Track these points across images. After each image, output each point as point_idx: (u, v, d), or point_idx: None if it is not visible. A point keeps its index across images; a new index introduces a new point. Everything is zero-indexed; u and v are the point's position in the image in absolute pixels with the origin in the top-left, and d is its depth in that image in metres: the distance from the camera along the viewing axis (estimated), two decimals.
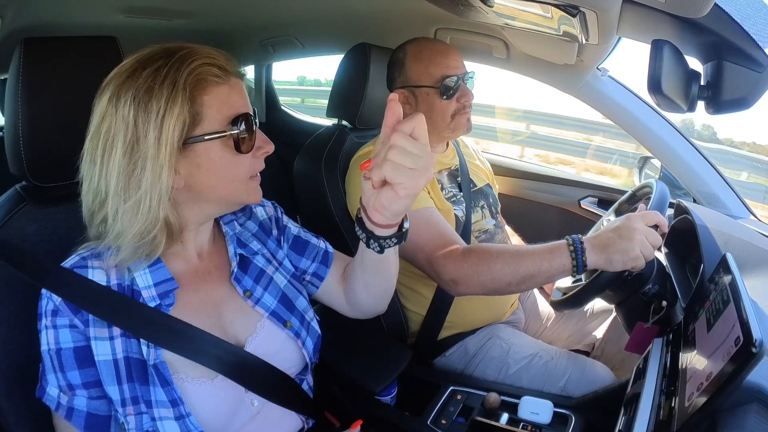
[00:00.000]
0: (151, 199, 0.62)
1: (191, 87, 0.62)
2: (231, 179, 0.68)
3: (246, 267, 0.79)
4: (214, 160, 0.65)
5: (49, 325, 0.64)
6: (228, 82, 0.65)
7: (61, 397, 0.64)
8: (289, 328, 0.79)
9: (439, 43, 1.25)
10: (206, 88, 0.63)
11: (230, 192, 0.69)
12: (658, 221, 0.91)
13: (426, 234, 1.05)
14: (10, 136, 0.73)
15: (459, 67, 1.20)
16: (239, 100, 0.67)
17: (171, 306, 0.69)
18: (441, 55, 1.20)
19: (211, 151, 0.65)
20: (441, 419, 1.01)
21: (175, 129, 0.61)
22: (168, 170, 0.61)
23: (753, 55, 0.71)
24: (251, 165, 0.70)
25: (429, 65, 1.19)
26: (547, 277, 0.93)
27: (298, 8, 1.73)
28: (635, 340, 0.95)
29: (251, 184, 0.71)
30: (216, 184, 0.67)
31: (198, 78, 0.62)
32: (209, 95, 0.63)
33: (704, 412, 0.57)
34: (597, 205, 1.73)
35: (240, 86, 0.68)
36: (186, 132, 0.62)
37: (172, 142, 0.61)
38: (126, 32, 1.10)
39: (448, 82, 1.17)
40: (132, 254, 0.64)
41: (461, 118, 1.21)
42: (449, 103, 1.19)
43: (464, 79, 1.20)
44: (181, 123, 0.61)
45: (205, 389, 0.69)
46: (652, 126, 1.43)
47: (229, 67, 0.66)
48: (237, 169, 0.68)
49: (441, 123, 1.21)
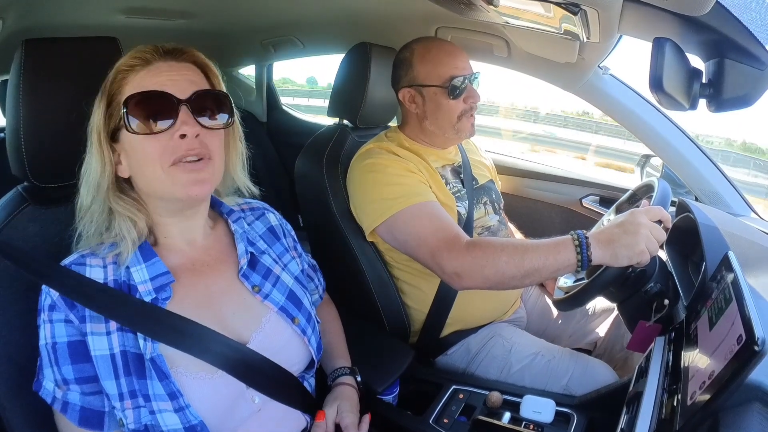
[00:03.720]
0: (96, 182, 0.68)
1: (112, 80, 0.68)
2: (145, 164, 0.67)
3: (254, 264, 0.80)
4: (130, 146, 0.68)
5: (46, 320, 0.65)
6: (146, 67, 0.68)
7: (56, 392, 0.65)
8: (297, 324, 0.80)
9: (447, 43, 1.26)
10: (127, 78, 0.67)
11: (153, 181, 0.68)
12: (662, 217, 0.91)
13: (429, 227, 1.05)
14: (12, 137, 0.73)
15: (466, 68, 1.21)
16: (153, 80, 0.66)
17: (168, 299, 0.69)
18: (449, 55, 1.20)
19: (128, 137, 0.67)
20: (443, 418, 1.01)
21: (98, 119, 0.67)
22: (99, 157, 0.67)
23: (755, 53, 0.71)
24: (165, 149, 0.65)
25: (437, 65, 1.20)
26: (552, 272, 0.93)
27: (298, 8, 1.73)
28: (637, 338, 0.95)
29: (175, 173, 0.66)
30: (137, 172, 0.69)
31: (119, 69, 0.68)
32: (128, 84, 0.67)
33: (707, 411, 0.57)
34: (599, 203, 1.73)
35: (165, 67, 0.68)
36: (110, 123, 0.67)
37: (98, 129, 0.67)
38: (127, 33, 1.10)
39: (456, 82, 1.18)
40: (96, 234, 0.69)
41: (466, 121, 1.22)
42: (456, 104, 1.20)
43: (471, 79, 1.20)
44: (101, 112, 0.67)
45: (205, 384, 0.69)
46: (653, 124, 1.43)
47: (157, 52, 0.68)
48: (147, 153, 0.66)
49: (447, 123, 1.22)
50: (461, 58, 1.21)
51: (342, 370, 0.91)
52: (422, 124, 1.25)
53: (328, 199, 1.23)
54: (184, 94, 0.67)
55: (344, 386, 0.88)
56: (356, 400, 0.87)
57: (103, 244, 0.70)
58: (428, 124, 1.24)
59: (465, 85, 1.19)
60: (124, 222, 0.69)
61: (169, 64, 0.68)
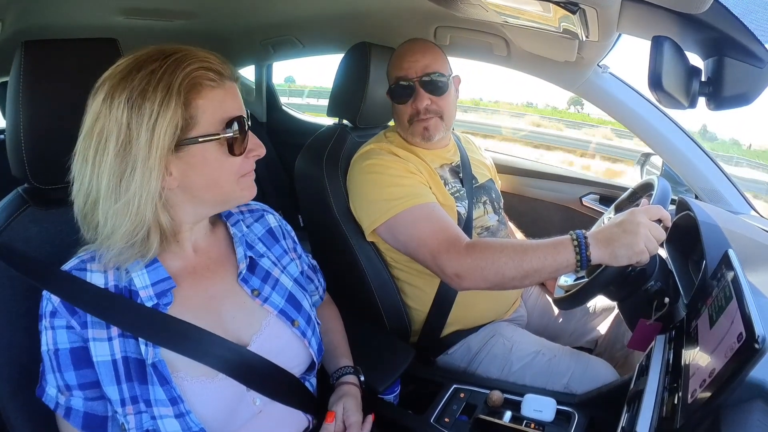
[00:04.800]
0: (140, 200, 0.62)
1: (186, 91, 0.63)
2: (224, 180, 0.70)
3: (253, 268, 0.80)
4: (208, 161, 0.67)
5: (47, 326, 0.65)
6: (223, 86, 0.67)
7: (59, 397, 0.65)
8: (296, 326, 0.80)
9: (407, 44, 1.23)
10: (201, 92, 0.64)
11: (224, 191, 0.71)
12: (661, 216, 0.91)
13: (429, 229, 1.05)
14: (12, 138, 0.73)
15: (412, 69, 1.17)
16: (233, 103, 0.69)
17: (169, 305, 0.69)
18: (398, 57, 1.20)
19: (206, 153, 0.66)
20: (444, 417, 1.01)
21: (167, 132, 0.62)
22: (157, 173, 0.63)
23: (754, 51, 0.71)
24: (242, 165, 0.71)
25: (391, 67, 1.22)
26: (551, 272, 0.93)
27: (297, 8, 1.73)
28: (638, 337, 0.95)
29: (244, 181, 0.73)
30: (209, 183, 0.69)
31: (193, 82, 0.63)
32: (204, 99, 0.65)
33: (707, 409, 0.57)
34: (598, 202, 1.73)
35: (234, 89, 0.70)
36: (179, 135, 0.63)
37: (163, 145, 0.62)
38: (126, 34, 1.10)
39: (394, 85, 1.19)
40: (121, 255, 0.65)
41: (417, 125, 1.19)
42: (403, 108, 1.20)
43: (421, 82, 1.16)
44: (174, 126, 0.62)
45: (206, 388, 0.69)
46: (653, 122, 1.43)
47: (224, 70, 0.68)
48: (229, 170, 0.70)
49: (401, 127, 1.23)
50: (410, 58, 1.17)
51: (345, 369, 0.92)
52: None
53: (328, 198, 1.23)
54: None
55: (348, 385, 0.88)
56: (360, 399, 0.87)
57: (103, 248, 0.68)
58: (396, 125, 1.26)
59: (410, 88, 1.17)
60: (156, 236, 0.66)
61: (233, 85, 0.70)
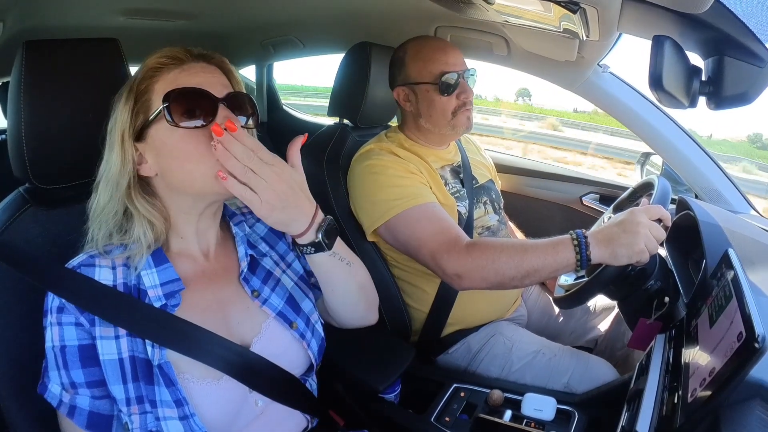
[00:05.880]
0: (116, 181, 0.67)
1: (140, 79, 0.67)
2: (184, 160, 0.66)
3: (254, 268, 0.80)
4: (163, 143, 0.67)
5: (54, 322, 0.64)
6: (180, 66, 0.67)
7: (63, 395, 0.64)
8: (294, 329, 0.79)
9: (438, 40, 1.26)
10: (157, 77, 0.66)
11: (189, 176, 0.66)
12: (661, 215, 0.91)
13: (429, 229, 1.05)
14: (13, 138, 0.73)
15: (458, 64, 1.21)
16: (189, 79, 0.66)
17: (177, 306, 0.69)
18: (440, 52, 1.21)
19: (160, 133, 0.66)
20: (444, 417, 1.02)
21: (123, 117, 0.66)
22: (121, 156, 0.66)
23: (754, 50, 0.70)
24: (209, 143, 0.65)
25: (428, 62, 1.20)
26: (551, 272, 0.93)
27: (298, 8, 1.73)
28: (638, 336, 0.95)
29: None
30: (170, 168, 0.68)
31: (149, 68, 0.67)
32: (160, 82, 0.66)
33: (707, 408, 0.57)
34: (599, 201, 1.73)
35: (198, 69, 0.68)
36: (136, 120, 0.67)
37: (122, 128, 0.66)
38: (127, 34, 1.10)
39: (447, 78, 1.18)
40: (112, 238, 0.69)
41: (461, 115, 1.22)
42: (449, 100, 1.20)
43: (464, 76, 1.20)
44: (128, 111, 0.66)
45: (210, 390, 0.69)
46: (653, 122, 1.43)
47: (188, 55, 0.68)
48: (187, 149, 0.65)
49: (442, 120, 1.22)
50: (453, 54, 1.21)
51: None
52: (417, 123, 1.25)
53: (328, 198, 1.23)
54: (220, 94, 0.67)
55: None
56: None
57: (112, 245, 0.69)
58: (423, 121, 1.24)
59: (457, 81, 1.19)
60: (141, 225, 0.67)
61: (202, 66, 0.68)
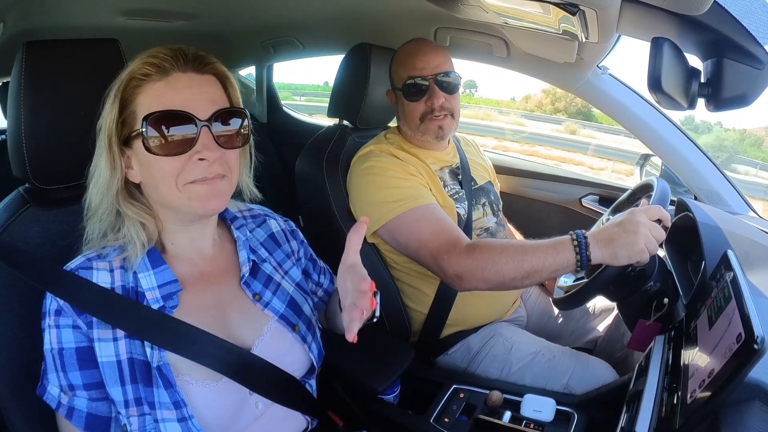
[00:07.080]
0: (106, 186, 0.66)
1: (124, 87, 0.64)
2: (160, 181, 0.65)
3: (255, 272, 0.79)
4: (142, 162, 0.66)
5: (52, 325, 0.64)
6: (165, 78, 0.64)
7: (61, 397, 0.64)
8: (297, 331, 0.79)
9: (415, 43, 1.24)
10: (141, 87, 0.64)
11: (167, 196, 0.66)
12: (661, 216, 0.91)
13: (429, 230, 1.05)
14: (13, 138, 0.73)
15: (427, 69, 1.18)
16: (174, 96, 0.64)
17: (175, 308, 0.69)
18: (410, 56, 1.21)
19: (140, 150, 0.65)
20: (444, 417, 1.02)
21: (109, 122, 0.65)
22: (110, 163, 0.65)
23: (753, 52, 0.71)
24: (185, 169, 0.64)
25: (400, 67, 1.22)
26: (551, 272, 0.93)
27: (298, 9, 1.73)
28: (637, 337, 0.95)
29: (192, 189, 0.65)
30: (150, 184, 0.67)
31: (132, 76, 0.64)
32: (145, 94, 0.64)
33: (706, 409, 0.57)
34: (598, 203, 1.73)
35: (186, 81, 0.65)
36: (122, 129, 0.65)
37: (109, 133, 0.65)
38: (127, 34, 1.10)
39: (410, 83, 1.18)
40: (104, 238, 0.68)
41: (430, 123, 1.20)
42: (416, 105, 1.20)
43: (437, 81, 1.18)
44: (112, 120, 0.64)
45: (210, 391, 0.69)
46: (652, 123, 1.43)
47: (173, 63, 0.64)
48: (163, 173, 0.64)
49: (412, 125, 1.23)
50: (422, 58, 1.18)
51: None
52: (401, 125, 1.27)
53: (328, 199, 1.23)
54: (205, 114, 0.64)
55: None
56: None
57: (109, 247, 0.69)
58: (401, 124, 1.26)
59: (425, 86, 1.18)
60: (133, 225, 0.68)
61: (189, 77, 0.65)
